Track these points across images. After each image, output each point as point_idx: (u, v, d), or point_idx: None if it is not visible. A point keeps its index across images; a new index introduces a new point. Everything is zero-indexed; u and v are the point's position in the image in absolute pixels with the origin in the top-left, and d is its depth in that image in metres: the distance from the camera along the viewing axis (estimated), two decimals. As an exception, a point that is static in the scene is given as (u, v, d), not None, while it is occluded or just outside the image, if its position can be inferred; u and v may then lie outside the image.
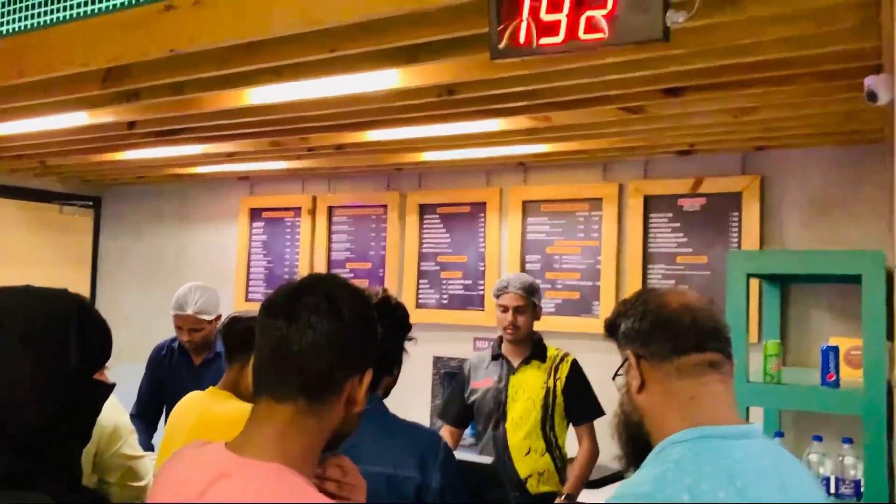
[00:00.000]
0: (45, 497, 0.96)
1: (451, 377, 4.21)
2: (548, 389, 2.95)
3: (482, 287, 4.49)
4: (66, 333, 0.99)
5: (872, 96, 2.08)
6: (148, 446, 3.05)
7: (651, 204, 4.03)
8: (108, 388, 1.07)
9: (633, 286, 3.98)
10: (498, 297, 3.07)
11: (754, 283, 3.45)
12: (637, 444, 1.21)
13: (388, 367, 1.62)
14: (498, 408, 2.98)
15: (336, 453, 1.12)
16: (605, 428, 1.43)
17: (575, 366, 3.03)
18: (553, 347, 3.10)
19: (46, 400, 0.98)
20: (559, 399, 2.94)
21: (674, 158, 3.97)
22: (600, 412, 2.97)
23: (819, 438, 2.78)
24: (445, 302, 4.59)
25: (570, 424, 2.99)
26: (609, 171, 4.18)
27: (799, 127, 3.15)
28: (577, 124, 3.17)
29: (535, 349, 3.04)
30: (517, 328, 3.00)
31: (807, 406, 2.76)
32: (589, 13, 1.52)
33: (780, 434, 2.95)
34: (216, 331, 3.21)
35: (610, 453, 1.40)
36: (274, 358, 1.00)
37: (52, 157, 4.41)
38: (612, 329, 1.29)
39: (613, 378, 1.29)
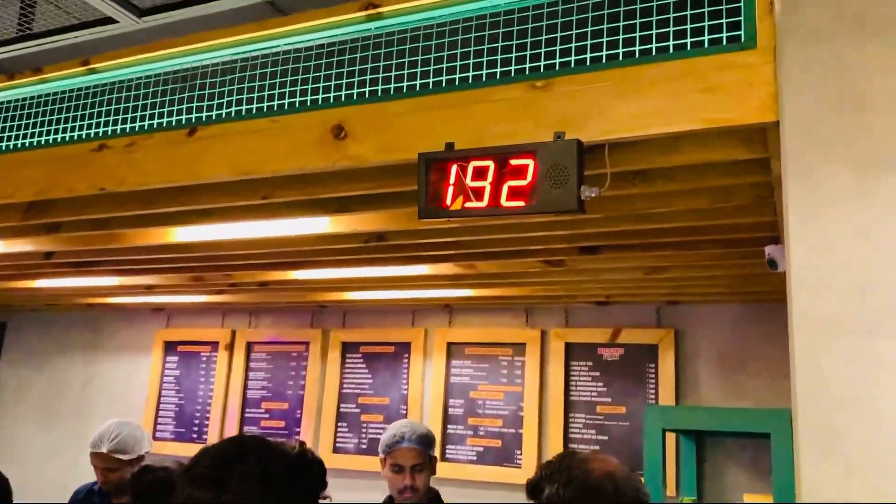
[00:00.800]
0: None
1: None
2: None
3: (403, 431, 4.42)
4: None
5: (773, 264, 2.26)
6: None
7: (572, 351, 4.13)
8: None
9: (555, 436, 4.00)
10: (389, 453, 2.60)
11: (671, 435, 3.52)
12: None
13: (300, 528, 1.55)
14: None
15: None
16: None
17: None
18: None
19: None
20: None
21: (593, 308, 4.12)
22: None
23: None
24: (364, 447, 4.48)
25: None
26: (532, 317, 4.29)
27: (707, 286, 3.35)
28: (501, 273, 3.29)
29: None
30: (416, 490, 2.52)
31: (724, 565, 2.77)
32: (511, 183, 1.62)
33: None
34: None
35: None
36: None
37: (-44, 281, 4.23)
38: (534, 492, 1.30)
39: (535, 542, 1.29)
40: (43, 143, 2.28)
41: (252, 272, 3.56)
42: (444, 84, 1.74)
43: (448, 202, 1.66)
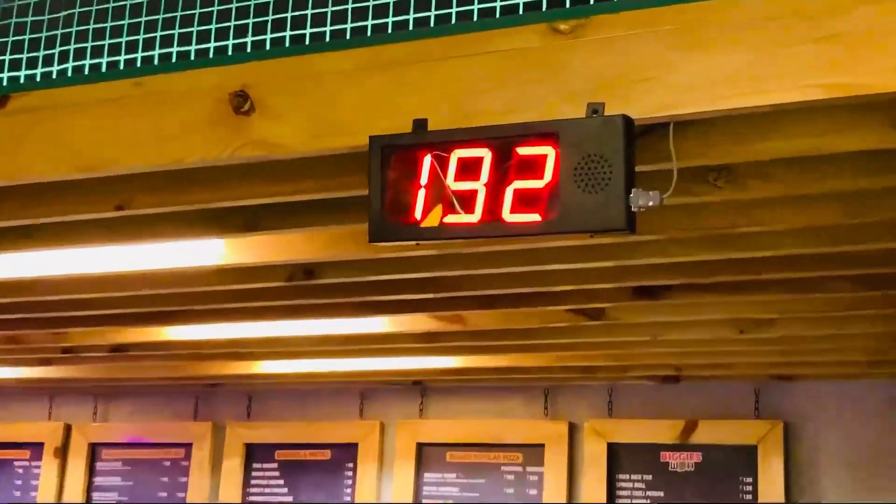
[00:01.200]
0: None
1: None
2: None
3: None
4: None
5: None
6: None
7: (620, 457, 4.13)
8: None
9: None
10: None
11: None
12: None
13: None
14: None
15: None
16: None
17: None
18: None
19: None
20: None
21: (653, 388, 4.13)
22: None
23: None
24: None
25: None
26: (555, 402, 4.30)
27: (834, 350, 3.36)
28: (504, 330, 3.25)
29: None
30: None
31: None
32: (518, 184, 1.61)
33: None
34: None
35: None
36: None
37: None
38: None
39: None
40: None
41: (99, 329, 3.53)
42: (410, 26, 1.73)
43: (418, 215, 1.67)
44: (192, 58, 1.84)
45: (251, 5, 1.83)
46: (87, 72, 1.94)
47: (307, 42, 1.78)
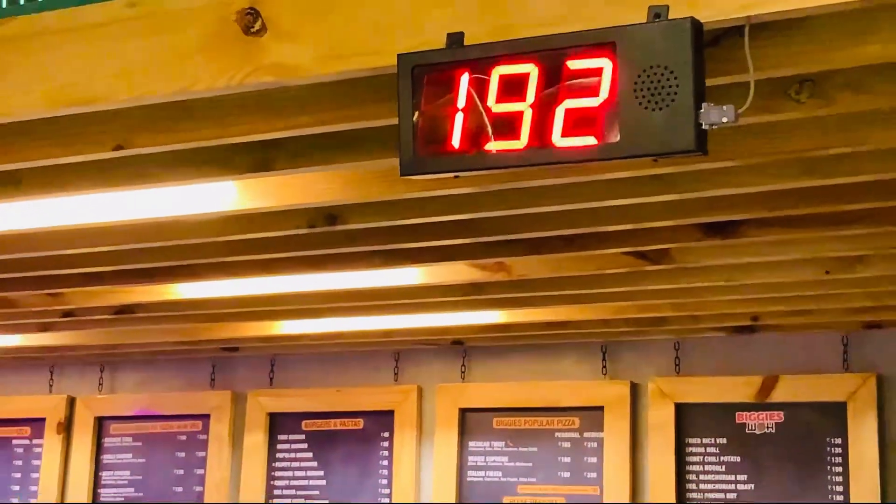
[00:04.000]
0: None
1: None
2: None
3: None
4: None
5: None
6: None
7: (690, 419, 4.13)
8: None
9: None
10: None
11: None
12: None
13: None
14: None
15: None
16: None
17: None
18: None
19: None
20: None
21: (726, 341, 4.14)
22: None
23: None
24: None
25: None
26: (614, 360, 4.31)
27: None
28: (554, 279, 3.27)
29: None
30: None
31: None
32: (570, 103, 1.62)
33: None
34: None
35: None
36: None
37: None
38: None
39: None
40: None
41: (101, 289, 3.56)
42: (442, -79, 1.68)
43: (455, 143, 1.69)
44: (192, -31, 1.84)
45: None
46: (73, -8, 1.92)
47: (324, -54, 1.77)
